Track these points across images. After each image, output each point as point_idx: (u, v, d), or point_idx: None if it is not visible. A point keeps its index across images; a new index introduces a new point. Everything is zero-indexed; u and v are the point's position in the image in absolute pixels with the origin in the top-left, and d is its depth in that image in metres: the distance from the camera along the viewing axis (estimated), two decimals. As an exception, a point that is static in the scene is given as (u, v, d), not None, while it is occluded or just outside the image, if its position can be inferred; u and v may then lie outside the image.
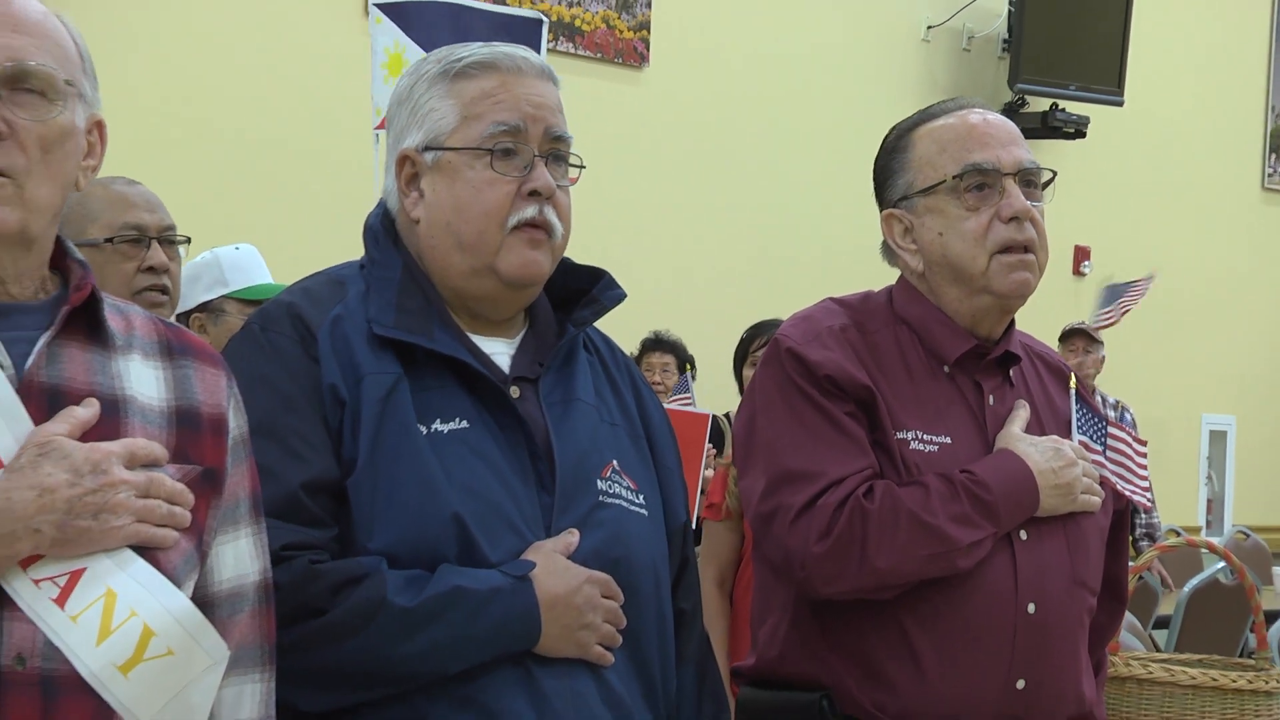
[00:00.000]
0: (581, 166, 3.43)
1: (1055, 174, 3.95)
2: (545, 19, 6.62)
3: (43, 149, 2.70)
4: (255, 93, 9.20)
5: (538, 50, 6.45)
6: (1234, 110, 14.38)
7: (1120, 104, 12.76)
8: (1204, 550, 9.48)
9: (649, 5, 10.88)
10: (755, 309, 8.99)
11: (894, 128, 3.97)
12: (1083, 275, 11.93)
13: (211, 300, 5.64)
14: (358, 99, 9.21)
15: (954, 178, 3.81)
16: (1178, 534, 9.81)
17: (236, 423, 2.88)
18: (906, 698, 3.69)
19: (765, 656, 3.85)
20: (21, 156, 2.67)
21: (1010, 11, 12.33)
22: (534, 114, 3.29)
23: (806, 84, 11.61)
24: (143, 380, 2.80)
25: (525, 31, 5.59)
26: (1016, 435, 3.79)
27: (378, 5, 5.75)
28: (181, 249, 4.75)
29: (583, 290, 3.46)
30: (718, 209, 10.73)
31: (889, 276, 4.01)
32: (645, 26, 10.83)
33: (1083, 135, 11.81)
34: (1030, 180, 3.81)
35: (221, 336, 4.14)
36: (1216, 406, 12.68)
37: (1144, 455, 4.18)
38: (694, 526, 3.79)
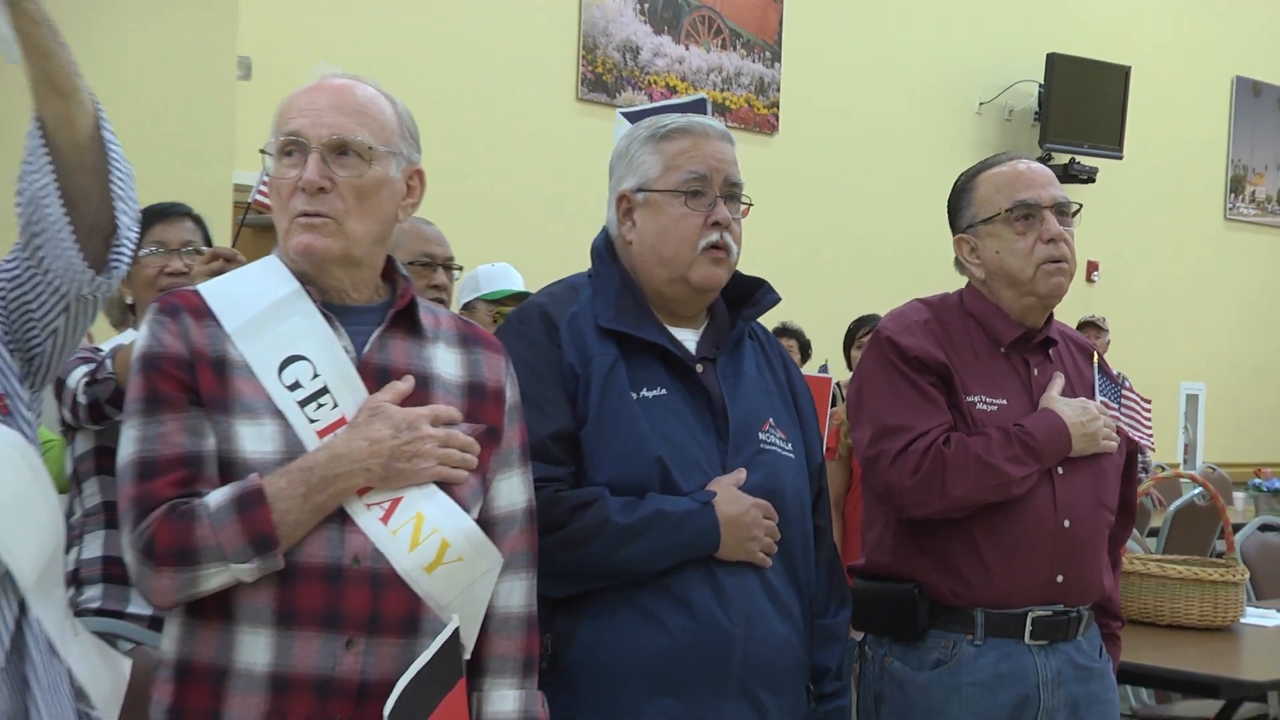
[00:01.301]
0: (750, 204, 3.47)
1: (1081, 206, 3.97)
2: (706, 98, 6.57)
3: (357, 197, 2.83)
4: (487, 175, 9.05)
5: (703, 119, 6.35)
6: (1203, 162, 14.18)
7: (1120, 158, 12.64)
8: (1185, 480, 9.40)
9: (778, 90, 10.75)
10: (856, 308, 8.94)
11: (962, 174, 4.16)
12: (1093, 282, 11.84)
13: (469, 300, 5.61)
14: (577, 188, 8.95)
15: (1007, 210, 3.92)
16: (1164, 469, 9.66)
17: (512, 393, 3.04)
18: (976, 588, 3.82)
19: (871, 558, 4.04)
20: (340, 203, 2.80)
21: (1040, 92, 12.14)
22: (716, 166, 3.40)
23: (893, 145, 11.54)
24: (445, 362, 2.95)
25: (695, 107, 5.56)
26: (1054, 397, 3.91)
27: (623, 113, 5.73)
28: (455, 272, 4.80)
29: (748, 294, 3.54)
30: (827, 235, 10.69)
31: (958, 282, 4.10)
32: (775, 105, 10.74)
33: (1093, 181, 11.72)
34: (1062, 211, 3.95)
35: (472, 327, 4.25)
36: (1191, 376, 12.57)
37: (1149, 411, 4.19)
38: (822, 465, 3.80)
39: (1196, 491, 9.16)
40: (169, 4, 7.03)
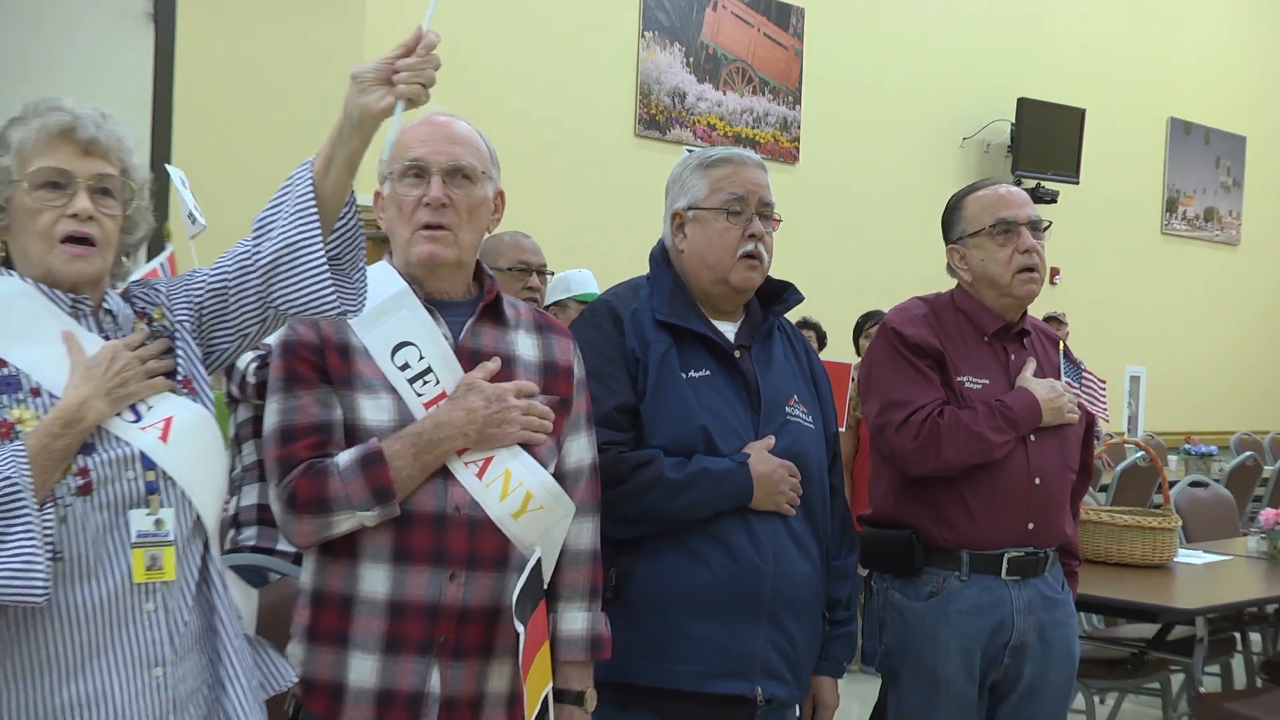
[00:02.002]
0: (779, 220, 3.49)
1: (1051, 223, 3.88)
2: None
3: (468, 212, 2.88)
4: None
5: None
6: (1144, 187, 14.07)
7: (1077, 183, 12.54)
8: (1130, 445, 9.33)
9: (799, 127, 10.70)
10: (863, 304, 8.90)
11: (953, 195, 4.15)
12: (1056, 284, 11.76)
13: (561, 299, 5.62)
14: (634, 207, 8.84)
15: (990, 226, 3.91)
16: (1112, 437, 9.58)
17: (579, 370, 3.06)
18: (963, 533, 3.83)
19: (877, 509, 4.03)
20: (456, 217, 2.86)
21: (1012, 129, 12.04)
22: (752, 189, 3.39)
23: (892, 172, 11.49)
24: (525, 346, 2.98)
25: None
26: (1028, 378, 3.92)
27: (688, 149, 5.70)
28: (548, 276, 4.81)
29: (778, 294, 3.54)
30: (840, 245, 10.65)
31: (949, 283, 4.11)
32: (796, 140, 10.70)
33: (1055, 202, 11.60)
34: (1036, 227, 3.93)
35: (566, 320, 4.21)
36: (1134, 361, 12.40)
37: (1104, 389, 4.16)
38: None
39: (1139, 455, 9.09)
40: (307, 63, 7.08)
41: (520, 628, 2.64)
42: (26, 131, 2.46)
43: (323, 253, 2.49)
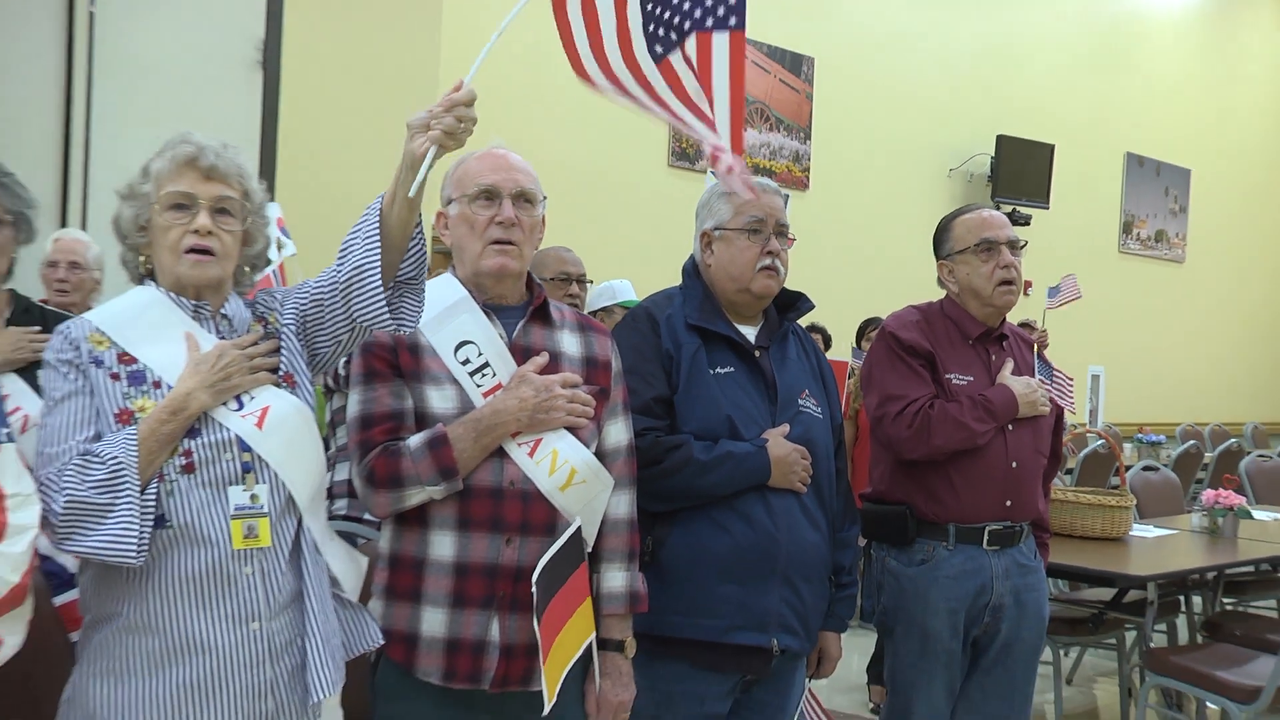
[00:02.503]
0: (793, 239, 3.49)
1: (1027, 242, 3.90)
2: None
3: (529, 230, 2.91)
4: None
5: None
6: (1104, 211, 13.93)
7: (1047, 208, 12.41)
8: (1091, 434, 9.23)
9: (809, 159, 10.65)
10: (864, 312, 8.84)
11: (943, 218, 4.10)
12: (1028, 295, 11.58)
13: (607, 305, 5.61)
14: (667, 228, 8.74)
15: (974, 245, 3.89)
16: (1077, 427, 9.50)
17: (616, 364, 3.05)
18: (950, 509, 3.80)
19: (876, 488, 3.99)
20: (521, 234, 2.88)
21: (992, 162, 11.97)
22: (770, 212, 3.38)
23: (889, 198, 11.41)
24: (569, 343, 2.97)
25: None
26: (1007, 376, 3.90)
27: (713, 173, 5.66)
28: (588, 285, 4.78)
29: (792, 302, 3.51)
30: (844, 260, 10.55)
31: (939, 294, 4.06)
32: (807, 170, 10.65)
33: (1029, 224, 11.49)
34: (1014, 246, 3.90)
35: (610, 323, 4.20)
36: (1095, 361, 12.32)
37: (1071, 385, 4.09)
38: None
39: (1099, 443, 9.03)
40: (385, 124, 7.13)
41: (535, 589, 2.62)
42: (161, 162, 2.53)
43: (379, 277, 2.49)
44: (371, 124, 6.63)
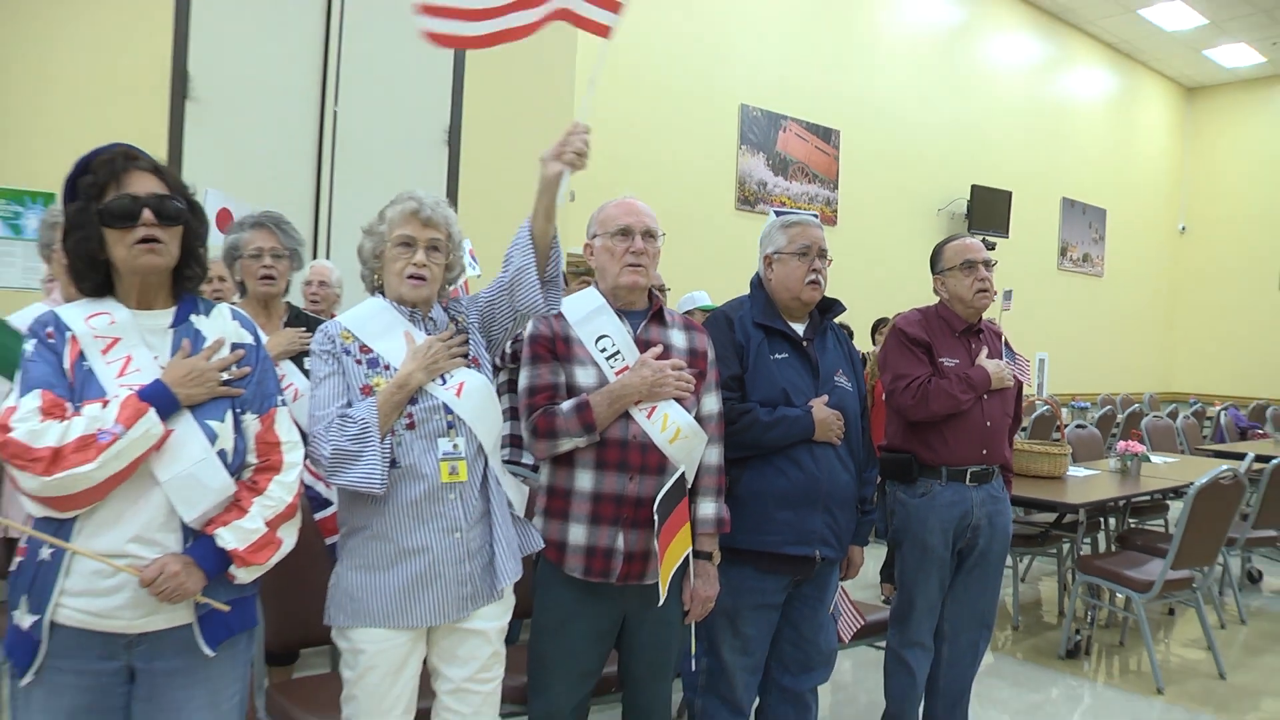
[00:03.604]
0: (831, 260, 3.36)
1: (998, 261, 3.75)
2: (816, 214, 6.31)
3: (653, 257, 2.88)
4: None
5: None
6: (1045, 239, 13.61)
7: (1008, 237, 12.16)
8: (1039, 402, 9.04)
9: (837, 203, 10.52)
10: (876, 313, 8.69)
11: (937, 244, 3.97)
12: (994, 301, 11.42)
13: (690, 309, 5.60)
14: (733, 258, 8.65)
15: (960, 264, 3.80)
16: (1030, 396, 9.32)
17: (710, 354, 2.97)
18: (942, 456, 3.73)
19: (889, 441, 3.91)
20: (647, 260, 2.85)
21: (968, 204, 11.75)
22: (814, 240, 3.30)
23: (895, 230, 11.25)
24: (678, 338, 2.92)
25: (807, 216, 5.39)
26: (984, 359, 3.81)
27: (775, 211, 5.60)
28: (668, 291, 4.70)
29: (829, 306, 3.40)
30: (864, 276, 10.41)
31: (933, 300, 3.94)
32: (835, 211, 10.51)
33: (994, 249, 11.24)
34: (988, 264, 3.82)
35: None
36: (1041, 349, 12.08)
37: (1029, 366, 3.98)
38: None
39: (1045, 408, 8.86)
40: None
41: (656, 516, 2.62)
42: (394, 211, 2.57)
43: (536, 274, 2.49)
44: (526, 181, 6.63)
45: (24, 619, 1.98)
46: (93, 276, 2.08)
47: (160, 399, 1.98)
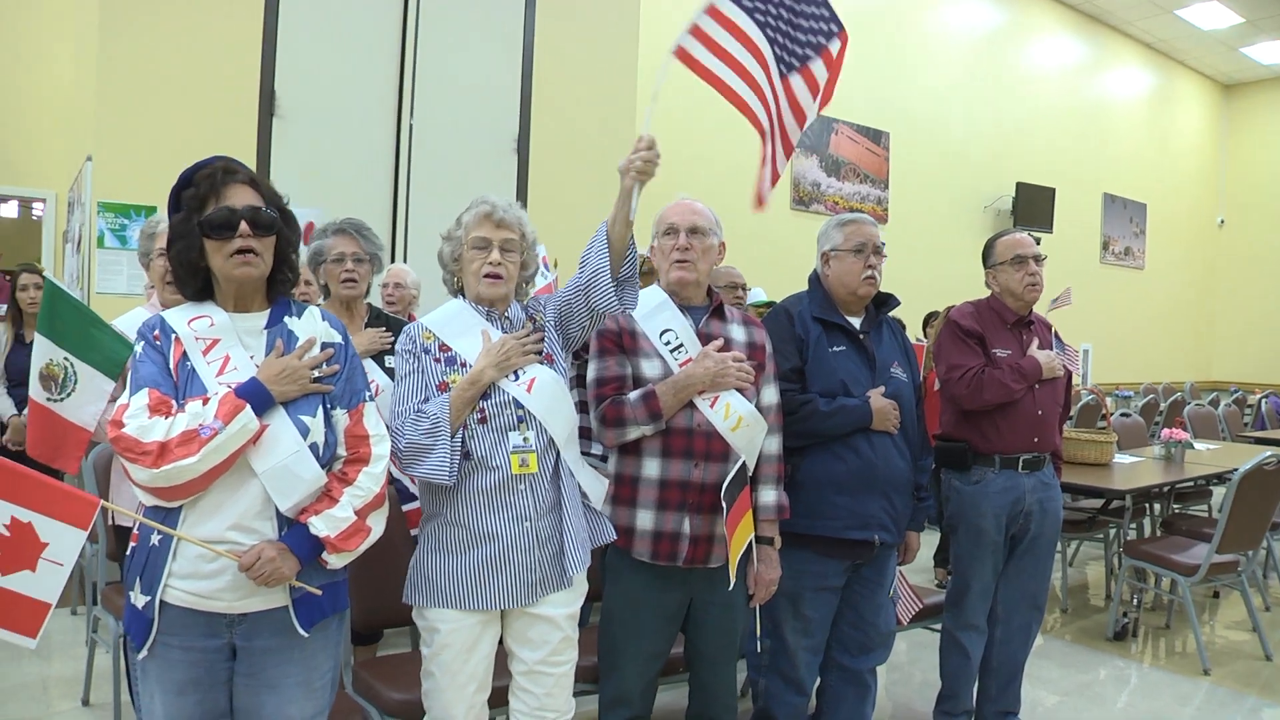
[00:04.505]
0: (886, 256, 3.29)
1: (1047, 256, 3.73)
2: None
3: (701, 253, 2.83)
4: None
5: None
6: (1088, 234, 13.35)
7: (1052, 233, 11.93)
8: (1086, 391, 8.86)
9: (889, 202, 10.39)
10: (929, 305, 8.60)
11: (989, 239, 3.86)
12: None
13: (745, 305, 5.46)
14: (789, 256, 8.56)
15: (1011, 259, 3.69)
16: (1077, 386, 9.14)
17: (769, 347, 2.96)
18: (995, 444, 3.62)
19: (945, 430, 3.80)
20: (694, 255, 2.80)
21: (1014, 200, 11.56)
22: (869, 238, 3.23)
23: (946, 227, 11.09)
24: (737, 332, 2.90)
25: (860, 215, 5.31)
26: (1034, 350, 3.70)
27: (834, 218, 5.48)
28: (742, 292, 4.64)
29: (885, 300, 3.33)
30: (917, 271, 10.29)
31: (985, 293, 3.83)
32: (886, 209, 10.38)
33: (1039, 244, 11.00)
34: (1038, 259, 3.71)
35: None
36: (1086, 340, 11.85)
37: (1078, 356, 3.90)
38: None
39: (1090, 397, 8.70)
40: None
41: (724, 503, 2.60)
42: (469, 215, 2.56)
43: (610, 276, 2.45)
44: (590, 187, 6.64)
45: (139, 599, 2.02)
46: (194, 283, 2.11)
47: (256, 396, 1.99)
